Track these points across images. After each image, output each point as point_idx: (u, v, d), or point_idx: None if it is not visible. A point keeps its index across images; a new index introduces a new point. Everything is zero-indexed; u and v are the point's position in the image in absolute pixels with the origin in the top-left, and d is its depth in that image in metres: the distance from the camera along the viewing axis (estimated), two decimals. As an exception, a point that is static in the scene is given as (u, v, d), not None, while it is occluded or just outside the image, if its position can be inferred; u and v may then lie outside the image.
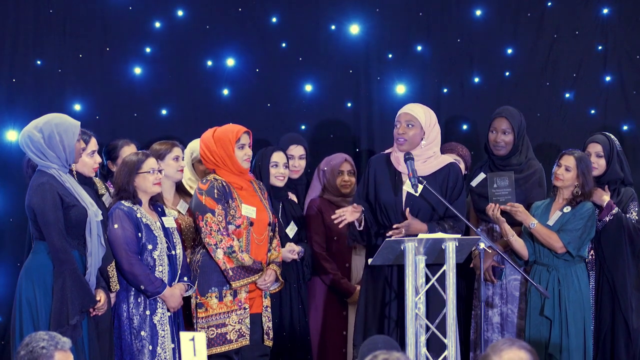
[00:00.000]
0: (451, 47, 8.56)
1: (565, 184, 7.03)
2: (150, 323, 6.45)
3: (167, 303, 6.49)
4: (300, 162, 7.60)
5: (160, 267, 6.50)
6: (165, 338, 6.47)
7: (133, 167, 6.50)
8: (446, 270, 6.19)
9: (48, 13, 7.94)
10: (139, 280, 6.40)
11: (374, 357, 4.26)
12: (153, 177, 6.52)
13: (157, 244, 6.49)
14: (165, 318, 6.51)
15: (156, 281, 6.44)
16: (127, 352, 6.42)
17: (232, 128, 6.78)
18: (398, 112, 6.71)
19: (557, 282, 6.98)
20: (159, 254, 6.50)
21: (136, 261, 6.41)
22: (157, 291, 6.43)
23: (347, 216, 6.57)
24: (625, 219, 7.11)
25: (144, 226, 6.46)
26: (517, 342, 4.40)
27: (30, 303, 6.03)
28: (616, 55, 8.61)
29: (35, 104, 7.74)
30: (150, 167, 6.52)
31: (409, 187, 6.59)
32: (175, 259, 6.57)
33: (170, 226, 6.60)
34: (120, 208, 6.46)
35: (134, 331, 6.42)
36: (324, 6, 8.43)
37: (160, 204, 6.68)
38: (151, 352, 6.41)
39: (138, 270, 6.40)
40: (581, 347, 6.94)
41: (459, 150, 7.71)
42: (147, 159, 6.54)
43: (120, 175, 6.52)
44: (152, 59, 8.13)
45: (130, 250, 6.41)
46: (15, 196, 7.54)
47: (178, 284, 6.55)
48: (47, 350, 4.61)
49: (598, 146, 7.29)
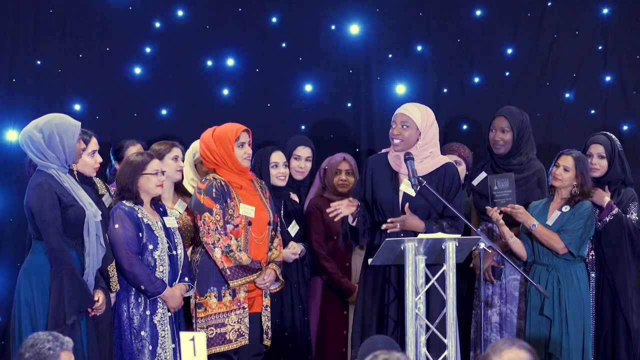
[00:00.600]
0: (451, 47, 8.55)
1: (564, 184, 7.04)
2: (150, 323, 6.45)
3: (167, 303, 6.49)
4: (307, 163, 7.62)
5: (161, 267, 6.49)
6: (165, 338, 6.47)
7: (137, 167, 6.49)
8: (446, 270, 6.19)
9: (48, 13, 7.94)
10: (139, 280, 6.40)
11: (374, 357, 4.26)
12: (156, 178, 6.53)
13: (158, 244, 6.49)
14: (165, 318, 6.50)
15: (157, 281, 6.43)
16: (127, 352, 6.41)
17: (231, 127, 6.78)
18: (395, 113, 6.72)
19: (556, 282, 6.98)
20: (159, 254, 6.49)
21: (136, 261, 6.41)
22: (157, 291, 6.43)
23: (343, 209, 6.57)
24: (625, 220, 7.11)
25: (145, 226, 6.46)
26: (517, 342, 4.39)
27: (28, 303, 6.03)
28: (616, 55, 8.61)
29: (35, 104, 7.74)
30: (154, 168, 6.53)
31: (405, 187, 6.61)
32: (177, 259, 6.57)
33: (171, 226, 6.60)
34: (121, 208, 6.46)
35: (134, 331, 6.42)
36: (324, 6, 8.43)
37: (162, 204, 6.68)
38: (151, 352, 6.41)
39: (138, 270, 6.40)
40: (580, 347, 6.94)
41: (460, 151, 7.71)
42: (151, 160, 6.53)
43: (124, 175, 6.51)
44: (152, 59, 8.13)
45: (130, 250, 6.41)
46: (15, 196, 7.54)
47: (179, 284, 6.55)
48: (54, 351, 4.61)
49: (600, 147, 7.28)
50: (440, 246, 6.20)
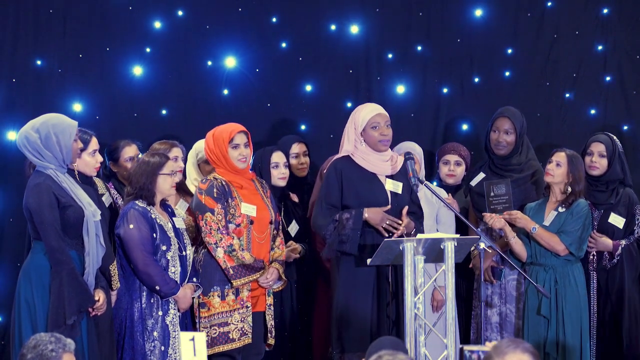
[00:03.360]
0: (451, 47, 8.55)
1: (556, 180, 7.03)
2: (162, 324, 6.45)
3: (178, 304, 6.50)
4: (305, 158, 7.67)
5: (173, 267, 6.50)
6: (176, 339, 6.47)
7: (156, 167, 6.50)
8: (445, 270, 6.19)
9: (48, 13, 7.94)
10: (154, 281, 6.40)
11: (378, 358, 4.26)
12: (172, 179, 6.56)
13: (170, 245, 6.50)
14: (176, 319, 6.51)
15: (170, 282, 6.44)
16: (139, 353, 6.40)
17: (227, 127, 6.80)
18: (372, 114, 6.71)
19: (554, 282, 6.99)
20: (172, 255, 6.50)
21: (151, 262, 6.41)
22: (171, 292, 6.43)
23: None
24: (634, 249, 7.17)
25: (158, 227, 6.47)
26: (520, 345, 4.33)
27: (28, 303, 6.03)
28: (616, 55, 8.61)
29: (35, 104, 7.73)
30: (171, 169, 6.56)
31: (390, 186, 6.64)
32: (186, 259, 6.58)
33: (180, 227, 6.61)
34: (135, 208, 6.45)
35: (147, 332, 6.42)
36: (324, 6, 8.43)
37: (170, 205, 6.69)
38: (162, 352, 6.41)
39: (153, 271, 6.40)
40: (578, 346, 6.94)
41: (460, 152, 7.71)
42: (167, 161, 6.57)
43: (140, 175, 6.50)
44: (152, 59, 8.12)
45: (146, 250, 6.40)
46: (15, 196, 7.53)
47: (188, 284, 6.56)
48: (57, 352, 4.61)
49: (601, 146, 7.29)
50: (439, 246, 6.20)
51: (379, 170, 6.73)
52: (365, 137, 6.73)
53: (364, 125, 6.72)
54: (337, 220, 6.62)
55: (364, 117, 6.73)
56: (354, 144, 6.76)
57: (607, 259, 7.18)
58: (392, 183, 6.71)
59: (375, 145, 6.72)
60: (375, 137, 6.71)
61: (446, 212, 7.24)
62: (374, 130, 6.71)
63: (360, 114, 6.76)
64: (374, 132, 6.71)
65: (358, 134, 6.75)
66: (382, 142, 6.72)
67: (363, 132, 6.73)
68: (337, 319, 6.67)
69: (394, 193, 6.70)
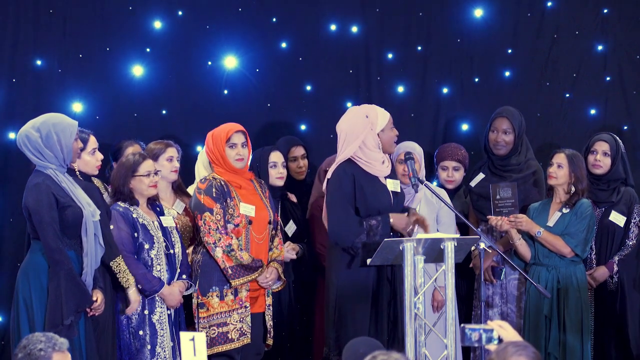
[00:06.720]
0: (451, 47, 8.55)
1: (559, 182, 7.03)
2: (149, 322, 6.46)
3: (166, 302, 6.50)
4: (304, 161, 7.68)
5: (158, 265, 6.51)
6: (164, 337, 6.47)
7: (129, 169, 6.52)
8: (445, 270, 6.19)
9: (48, 13, 7.94)
10: (135, 280, 6.41)
11: (372, 358, 4.24)
12: (149, 180, 6.54)
13: (154, 243, 6.50)
14: (164, 317, 6.51)
15: (153, 280, 6.44)
16: (126, 352, 6.43)
17: (225, 127, 6.81)
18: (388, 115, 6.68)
19: (556, 282, 6.98)
20: (156, 253, 6.50)
21: (132, 261, 6.42)
22: (154, 290, 6.44)
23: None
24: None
25: (141, 226, 6.48)
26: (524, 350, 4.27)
27: (26, 303, 6.03)
28: (616, 55, 8.61)
29: (35, 104, 7.74)
30: (147, 170, 6.54)
31: (391, 186, 6.64)
32: (174, 257, 6.58)
33: (168, 225, 6.61)
34: (116, 209, 6.49)
35: (132, 330, 6.43)
36: (324, 6, 8.43)
37: (159, 204, 6.69)
38: (150, 351, 6.42)
39: (134, 270, 6.41)
40: (579, 346, 6.94)
41: (458, 156, 7.68)
42: (143, 161, 6.55)
43: (117, 176, 6.55)
44: (152, 59, 8.13)
45: (125, 250, 6.42)
46: (15, 196, 7.53)
47: (177, 282, 6.56)
48: (45, 352, 4.59)
49: (605, 145, 7.30)
50: (439, 246, 6.20)
51: (381, 172, 6.69)
52: (382, 137, 6.68)
53: (383, 126, 6.66)
54: (366, 229, 6.56)
55: (384, 117, 6.67)
56: (359, 145, 6.65)
57: (610, 282, 7.20)
58: (392, 183, 6.70)
59: (389, 145, 6.69)
60: (391, 137, 6.70)
61: (446, 212, 7.23)
62: (391, 131, 6.70)
63: (377, 114, 6.64)
64: (392, 132, 6.70)
65: (375, 135, 6.66)
66: (395, 142, 6.73)
67: (381, 133, 6.68)
68: (335, 320, 6.66)
69: (394, 192, 6.70)
